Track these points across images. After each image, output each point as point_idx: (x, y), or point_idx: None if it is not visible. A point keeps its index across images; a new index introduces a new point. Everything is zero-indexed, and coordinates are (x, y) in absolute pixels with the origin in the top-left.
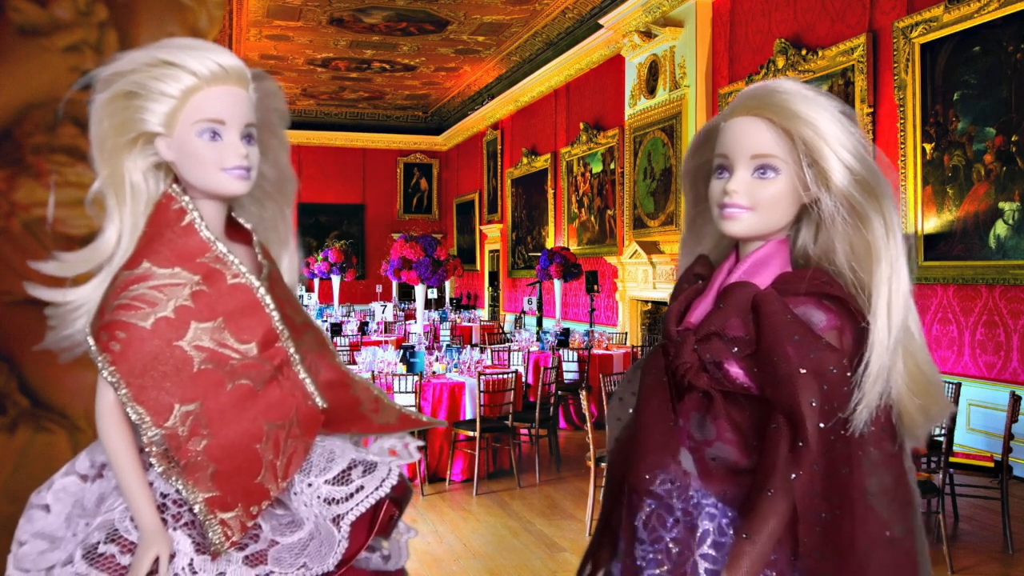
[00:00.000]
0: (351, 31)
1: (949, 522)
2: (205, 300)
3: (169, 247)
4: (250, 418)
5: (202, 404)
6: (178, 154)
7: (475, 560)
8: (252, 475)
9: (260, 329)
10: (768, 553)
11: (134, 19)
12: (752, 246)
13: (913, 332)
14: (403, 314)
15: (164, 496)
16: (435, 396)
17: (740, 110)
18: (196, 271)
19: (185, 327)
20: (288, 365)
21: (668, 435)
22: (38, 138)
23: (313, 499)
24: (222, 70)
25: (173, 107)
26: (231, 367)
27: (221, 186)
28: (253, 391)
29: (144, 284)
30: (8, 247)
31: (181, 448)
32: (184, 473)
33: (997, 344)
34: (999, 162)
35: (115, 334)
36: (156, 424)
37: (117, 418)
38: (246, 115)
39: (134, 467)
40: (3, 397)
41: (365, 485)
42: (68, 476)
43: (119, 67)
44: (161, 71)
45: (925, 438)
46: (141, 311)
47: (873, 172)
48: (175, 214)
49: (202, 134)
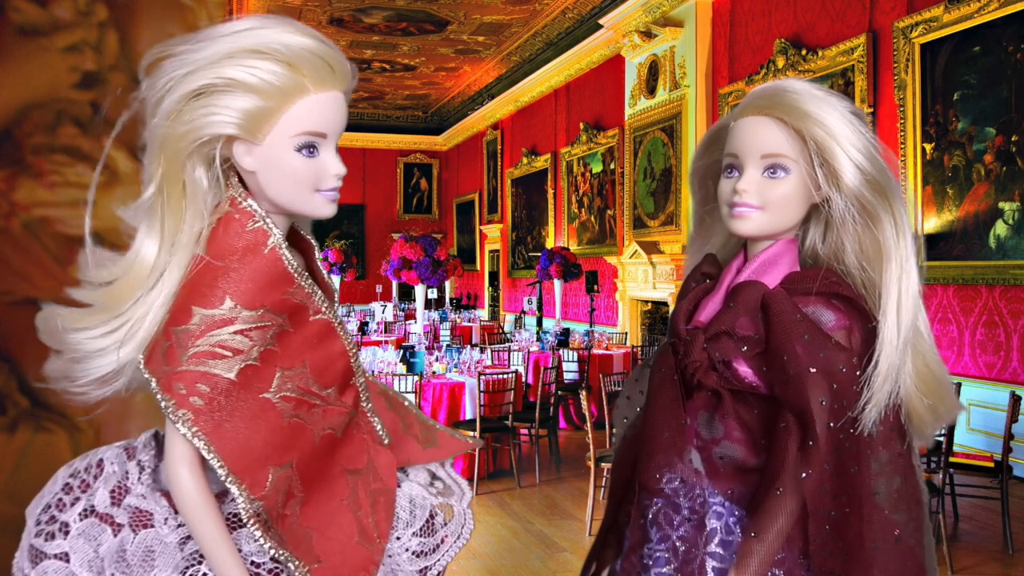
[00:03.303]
0: (351, 31)
1: (949, 522)
2: (289, 342)
3: (254, 281)
4: (335, 471)
5: (294, 463)
6: (264, 166)
7: (475, 560)
8: (349, 536)
9: (340, 370)
10: (776, 552)
11: (134, 19)
12: (761, 245)
13: (922, 332)
14: (403, 314)
15: (257, 565)
16: (435, 396)
17: (750, 109)
18: (282, 309)
19: (271, 375)
20: (359, 402)
21: (677, 434)
22: (38, 138)
23: (400, 551)
24: (329, 69)
25: (266, 109)
26: (315, 415)
27: (312, 209)
28: (335, 440)
29: (228, 328)
30: (8, 247)
31: (279, 515)
32: (287, 544)
33: (997, 344)
34: (999, 162)
35: (195, 387)
36: (255, 494)
37: (200, 480)
38: (344, 123)
39: (224, 536)
40: (3, 397)
41: (448, 536)
42: (86, 519)
43: (197, 58)
44: (252, 62)
45: (932, 437)
46: (226, 360)
47: (883, 172)
48: (254, 236)
49: (300, 148)
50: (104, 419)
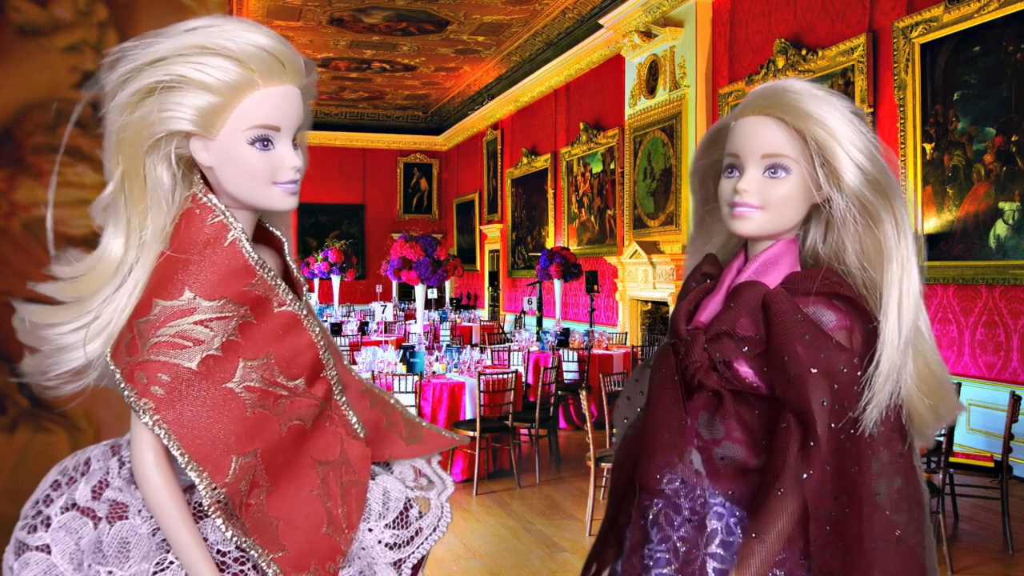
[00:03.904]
0: (351, 31)
1: (949, 522)
2: (253, 333)
3: (213, 272)
4: (304, 461)
5: (259, 452)
6: (219, 161)
7: (475, 560)
8: (317, 526)
9: (308, 361)
10: (777, 552)
11: (134, 19)
12: (761, 245)
13: (923, 332)
14: (403, 314)
15: (223, 554)
16: (435, 396)
17: (751, 109)
18: (243, 300)
19: (234, 366)
20: (331, 396)
21: (678, 434)
22: (38, 138)
23: (373, 543)
24: (279, 63)
25: (218, 104)
26: (281, 406)
27: (270, 202)
28: (304, 431)
29: (188, 319)
30: (8, 247)
31: (243, 504)
32: (251, 532)
33: (997, 344)
34: (999, 162)
35: (156, 376)
36: (216, 481)
37: (164, 469)
38: (299, 117)
39: (188, 524)
40: (3, 397)
41: (423, 528)
42: (67, 512)
43: (147, 55)
44: (203, 60)
45: (933, 437)
46: (187, 350)
47: (884, 172)
48: (214, 230)
49: (253, 142)
50: (104, 419)
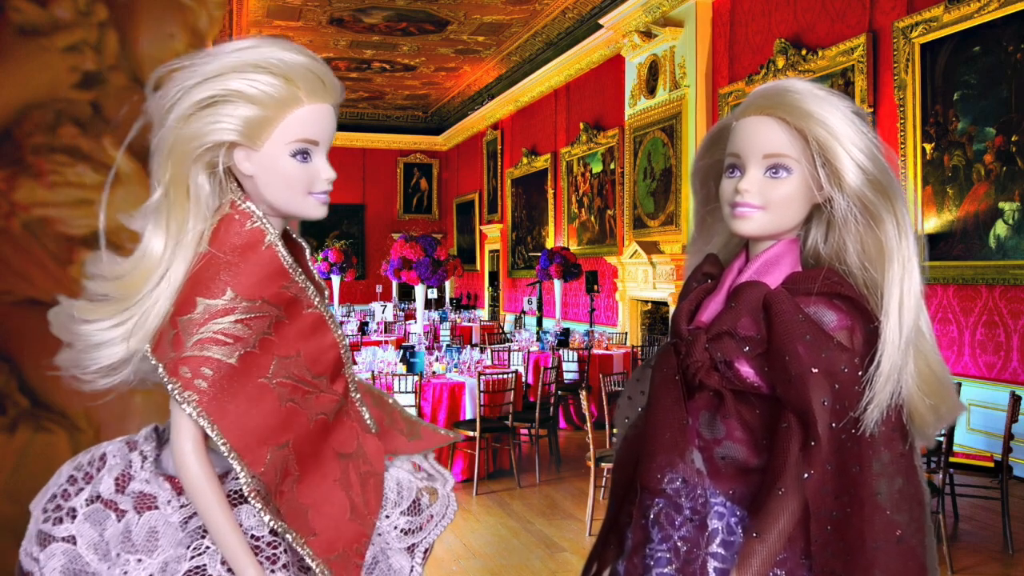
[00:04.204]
0: (351, 31)
1: (949, 522)
2: (285, 332)
3: (253, 274)
4: (328, 453)
5: (290, 444)
6: (261, 170)
7: (475, 560)
8: (341, 513)
9: (331, 359)
10: (778, 552)
11: (134, 19)
12: (763, 245)
13: (924, 332)
14: (403, 314)
15: (257, 538)
16: (435, 396)
17: (752, 109)
18: (278, 301)
19: (268, 362)
20: (348, 392)
21: (679, 434)
22: (38, 138)
23: (389, 529)
24: (321, 83)
25: (264, 118)
26: (309, 401)
27: (305, 210)
28: (328, 424)
29: (229, 317)
30: (8, 247)
31: (277, 491)
32: (285, 518)
33: (997, 344)
34: (999, 162)
35: (199, 370)
36: (254, 469)
37: (204, 457)
38: (333, 133)
39: (226, 510)
40: (3, 397)
41: (434, 515)
42: (92, 504)
43: (205, 71)
44: (253, 76)
45: (934, 437)
46: (227, 346)
47: (885, 172)
48: (252, 235)
49: (295, 154)
50: (104, 419)
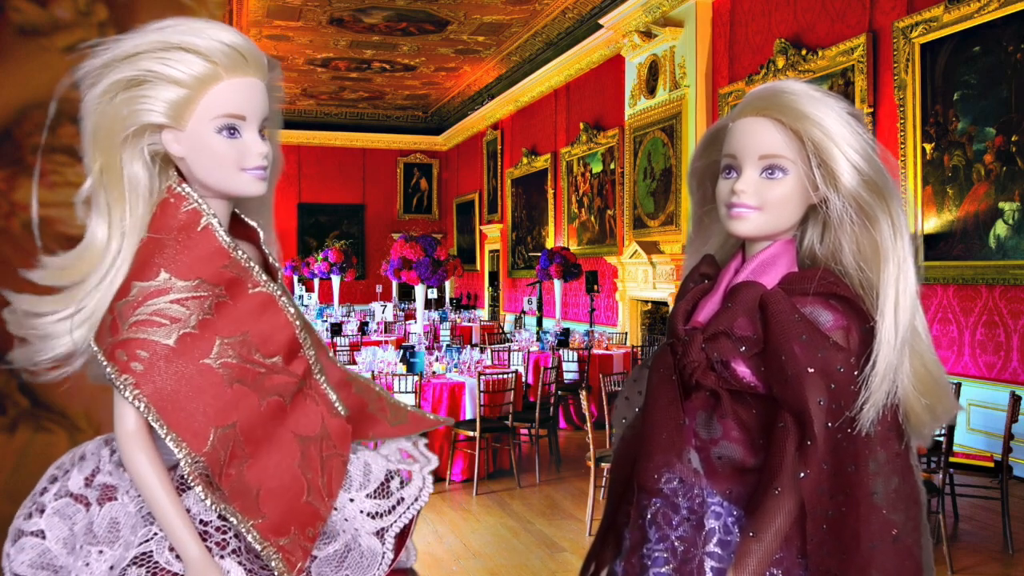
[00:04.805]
0: (351, 31)
1: (949, 522)
2: (228, 312)
3: (188, 255)
4: (284, 435)
5: (237, 424)
6: (190, 150)
7: (475, 560)
8: (297, 495)
9: (284, 340)
10: (774, 552)
11: (134, 19)
12: (759, 246)
13: (920, 332)
14: (403, 314)
15: (205, 523)
16: (435, 396)
17: (748, 110)
18: (218, 281)
19: (211, 343)
20: (310, 375)
21: (676, 434)
22: (38, 138)
23: (356, 514)
24: (242, 58)
25: (185, 97)
26: (260, 382)
27: (240, 187)
28: (283, 406)
29: (164, 298)
30: (8, 247)
31: (223, 473)
32: (231, 500)
33: (997, 344)
34: (999, 162)
35: (135, 353)
36: (195, 450)
37: (145, 443)
38: (264, 108)
39: (170, 495)
40: (3, 397)
41: (405, 497)
42: (60, 499)
43: (117, 52)
44: (171, 56)
45: (930, 437)
46: (164, 327)
47: (881, 173)
48: (188, 216)
49: (220, 130)
50: (104, 419)
